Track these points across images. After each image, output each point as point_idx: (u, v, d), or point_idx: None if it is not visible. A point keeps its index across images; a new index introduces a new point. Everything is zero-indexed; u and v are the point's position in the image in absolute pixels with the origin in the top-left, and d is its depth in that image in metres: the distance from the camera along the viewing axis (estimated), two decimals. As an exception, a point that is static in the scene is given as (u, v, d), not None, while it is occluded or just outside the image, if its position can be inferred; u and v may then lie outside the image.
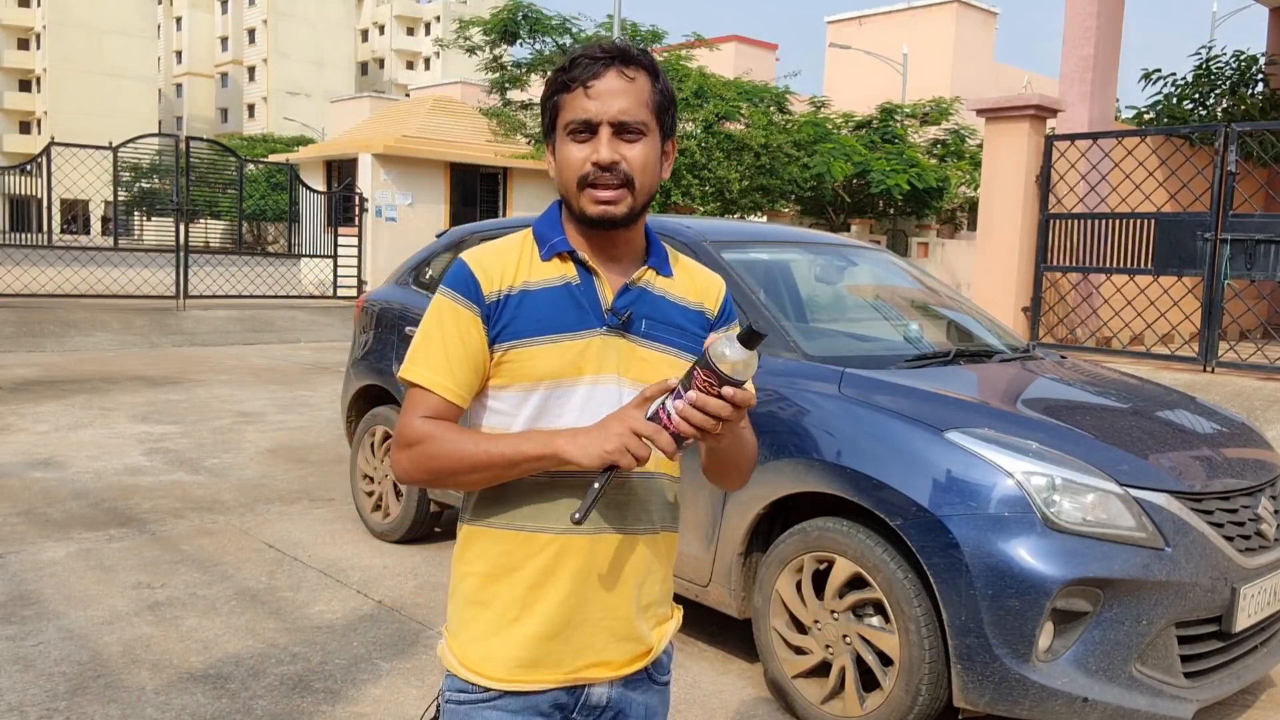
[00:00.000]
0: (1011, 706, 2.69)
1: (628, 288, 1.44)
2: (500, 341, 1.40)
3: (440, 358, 1.40)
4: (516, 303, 1.40)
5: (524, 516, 1.41)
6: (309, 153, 20.66)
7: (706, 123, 18.92)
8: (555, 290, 1.41)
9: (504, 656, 1.41)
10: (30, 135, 69.31)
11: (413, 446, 1.39)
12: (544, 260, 1.43)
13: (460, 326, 1.40)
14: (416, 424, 1.39)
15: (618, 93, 1.37)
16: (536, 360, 1.39)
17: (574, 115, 1.38)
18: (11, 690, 3.14)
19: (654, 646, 1.49)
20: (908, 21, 34.75)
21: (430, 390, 1.40)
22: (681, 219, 4.32)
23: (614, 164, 1.36)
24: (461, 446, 1.36)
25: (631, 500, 1.44)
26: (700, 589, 3.47)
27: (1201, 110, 11.73)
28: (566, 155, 1.39)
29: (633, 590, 1.45)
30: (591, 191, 1.38)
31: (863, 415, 3.08)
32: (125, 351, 11.79)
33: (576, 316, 1.40)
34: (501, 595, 1.42)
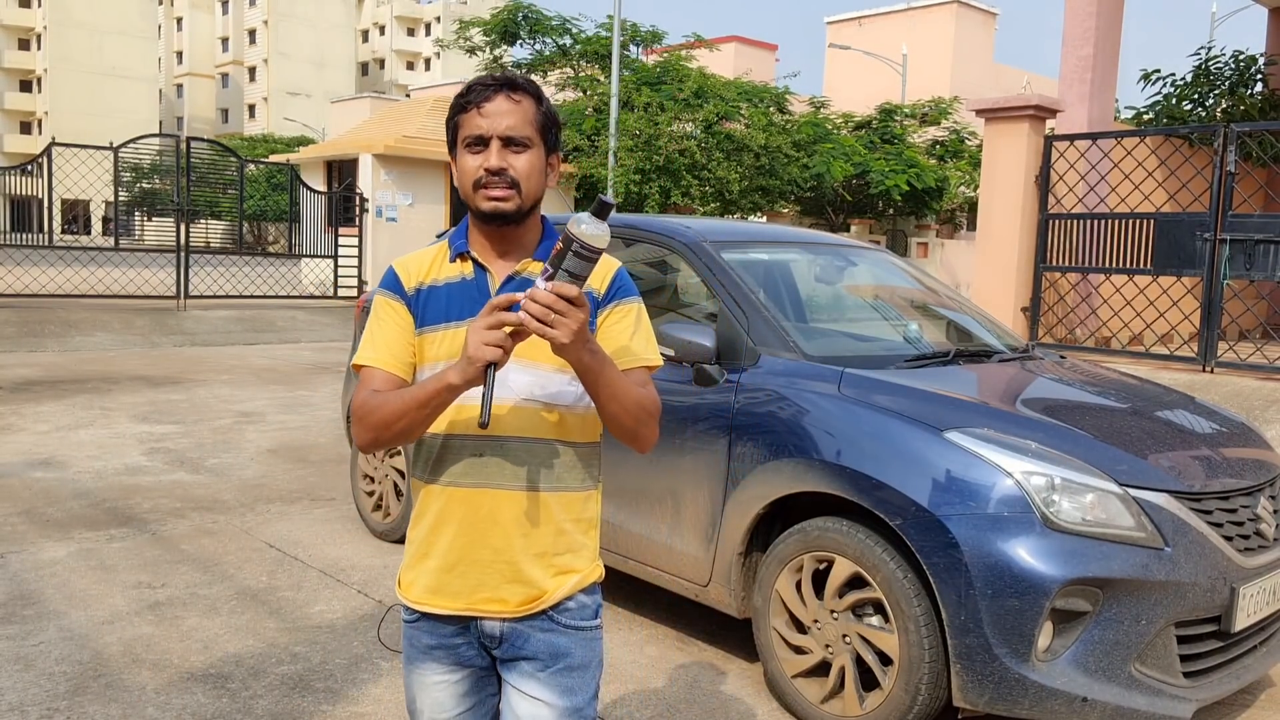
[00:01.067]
0: (1011, 706, 2.69)
1: (511, 278, 1.68)
2: (420, 327, 1.69)
3: (380, 341, 1.69)
4: (426, 296, 1.70)
5: (428, 471, 1.71)
6: (309, 153, 20.66)
7: (706, 123, 18.94)
8: (454, 285, 1.70)
9: (419, 584, 1.72)
10: (31, 135, 69.31)
11: (361, 416, 1.64)
12: (451, 262, 1.71)
13: (392, 314, 1.70)
14: (360, 395, 1.66)
15: (505, 112, 1.64)
16: (439, 343, 1.66)
17: (469, 131, 1.65)
18: (12, 690, 3.14)
19: (549, 592, 1.69)
20: (907, 22, 34.76)
21: (374, 367, 1.67)
22: (681, 219, 4.32)
23: (502, 169, 1.62)
24: (389, 402, 1.60)
25: (509, 460, 1.66)
26: (700, 589, 3.47)
27: (1201, 110, 11.73)
28: (464, 164, 1.66)
29: (517, 539, 1.67)
30: (484, 191, 1.63)
31: (862, 415, 3.08)
32: (126, 351, 11.79)
33: (472, 305, 1.63)
34: (417, 535, 1.73)
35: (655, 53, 22.15)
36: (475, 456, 1.67)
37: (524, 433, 1.67)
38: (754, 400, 3.31)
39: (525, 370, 1.64)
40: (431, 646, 1.73)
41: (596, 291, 1.70)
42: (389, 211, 17.87)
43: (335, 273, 16.60)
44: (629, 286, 1.75)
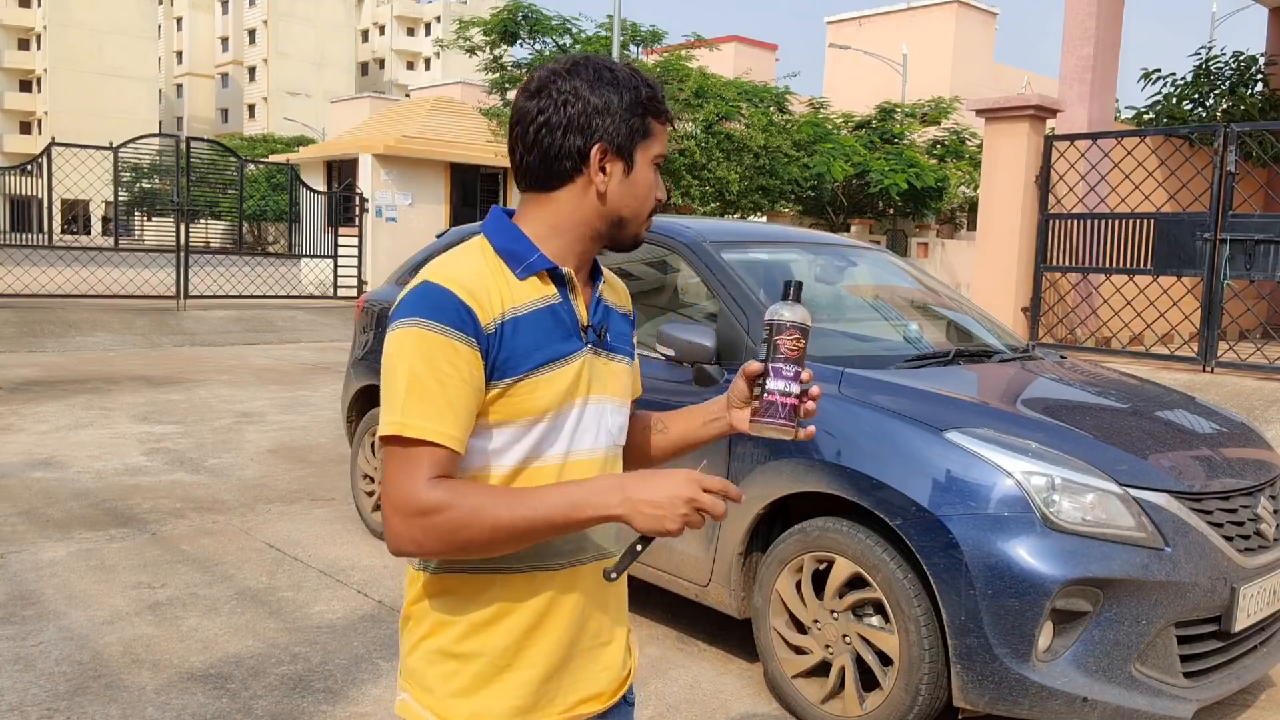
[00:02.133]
0: (1011, 706, 2.69)
1: (598, 301, 1.41)
2: (501, 377, 1.27)
3: (442, 404, 1.22)
4: (511, 331, 1.27)
5: (518, 557, 1.30)
6: (309, 153, 20.66)
7: (706, 123, 18.93)
8: (541, 314, 1.31)
9: (499, 708, 1.31)
10: (31, 135, 69.31)
11: (428, 516, 1.20)
12: (520, 279, 1.31)
13: (459, 365, 1.23)
14: (424, 490, 1.21)
15: None
16: (538, 392, 1.29)
17: (663, 149, 1.38)
18: (12, 690, 3.14)
19: (632, 666, 1.47)
20: (907, 22, 34.75)
21: (436, 444, 1.22)
22: (681, 219, 4.32)
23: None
24: (497, 513, 1.20)
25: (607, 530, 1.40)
26: (700, 589, 3.47)
27: (1201, 110, 11.73)
28: (650, 182, 1.37)
29: (613, 614, 1.42)
30: (651, 220, 1.40)
31: (862, 415, 3.08)
32: (126, 351, 11.79)
33: (566, 341, 1.33)
34: (492, 644, 1.31)
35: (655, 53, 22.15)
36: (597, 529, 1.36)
37: None
38: (754, 400, 3.30)
39: (617, 411, 1.42)
40: None
41: (630, 314, 1.53)
42: (389, 211, 17.88)
43: (335, 273, 16.60)
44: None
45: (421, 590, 1.35)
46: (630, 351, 1.48)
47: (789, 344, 1.29)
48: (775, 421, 1.31)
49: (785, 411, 1.31)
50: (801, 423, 1.36)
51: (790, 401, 1.30)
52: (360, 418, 5.13)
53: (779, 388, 1.30)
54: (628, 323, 1.50)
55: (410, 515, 1.21)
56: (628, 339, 1.47)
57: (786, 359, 1.30)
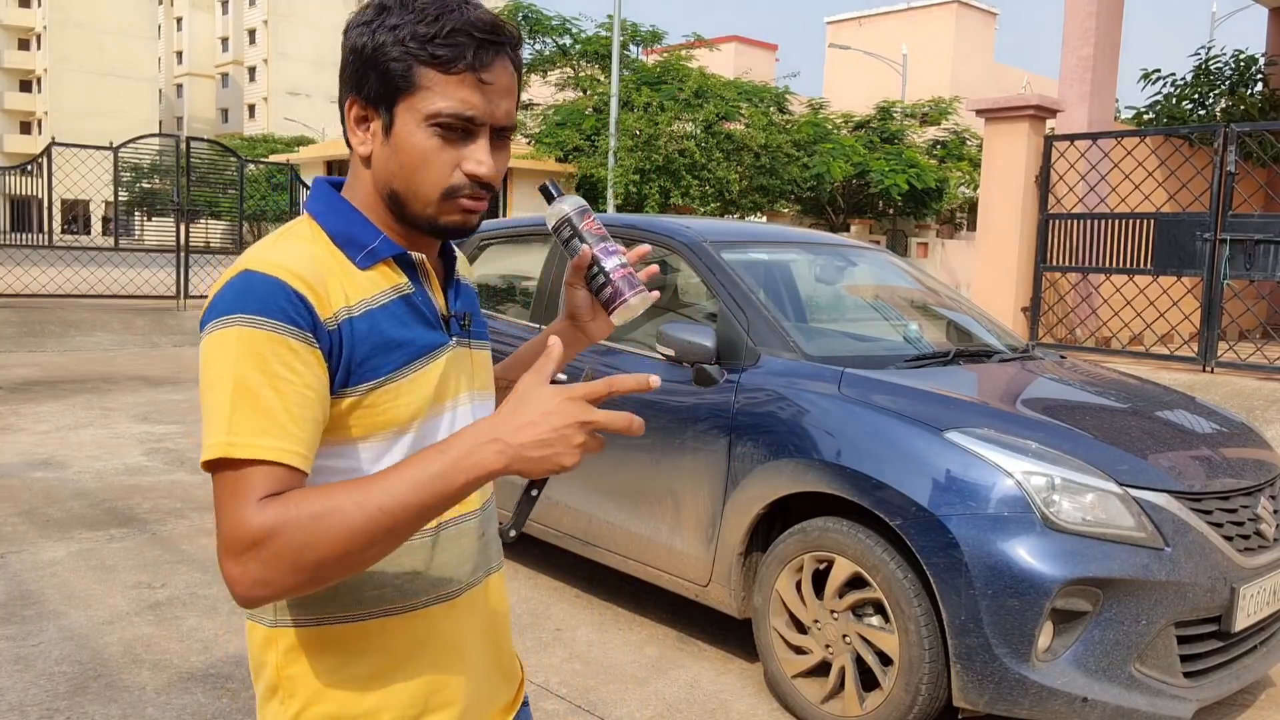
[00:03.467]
0: (1011, 706, 2.69)
1: (458, 285, 1.20)
2: (356, 383, 1.04)
3: (278, 414, 0.98)
4: (361, 329, 1.06)
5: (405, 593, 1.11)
6: (309, 153, 20.68)
7: (706, 123, 18.94)
8: (394, 306, 1.10)
9: None
10: (31, 135, 69.31)
11: (261, 546, 0.93)
12: (362, 269, 1.09)
13: (297, 367, 1.00)
14: (253, 515, 0.94)
15: (505, 90, 1.09)
16: (402, 398, 1.07)
17: (451, 107, 1.05)
18: (12, 690, 3.14)
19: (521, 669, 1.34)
20: (907, 22, 34.76)
21: (270, 462, 0.96)
22: (681, 219, 4.32)
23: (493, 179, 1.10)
24: (344, 516, 0.94)
25: (493, 528, 1.25)
26: (700, 589, 3.47)
27: (1201, 110, 11.74)
28: (427, 154, 1.07)
29: (505, 624, 1.27)
30: (459, 201, 1.09)
31: (862, 415, 3.08)
32: (126, 351, 11.79)
33: (426, 333, 1.11)
34: (396, 697, 1.10)
35: (655, 53, 22.16)
36: (480, 538, 1.20)
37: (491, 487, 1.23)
38: (754, 400, 3.31)
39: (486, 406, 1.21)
40: None
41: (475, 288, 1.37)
42: (389, 211, 17.88)
43: (335, 273, 16.57)
44: None
45: (288, 652, 1.09)
46: (487, 334, 1.28)
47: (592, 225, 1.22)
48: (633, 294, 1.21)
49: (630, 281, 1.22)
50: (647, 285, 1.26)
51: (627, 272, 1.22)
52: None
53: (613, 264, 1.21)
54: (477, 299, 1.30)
55: (243, 551, 0.94)
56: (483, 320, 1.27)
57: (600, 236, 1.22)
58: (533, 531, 4.16)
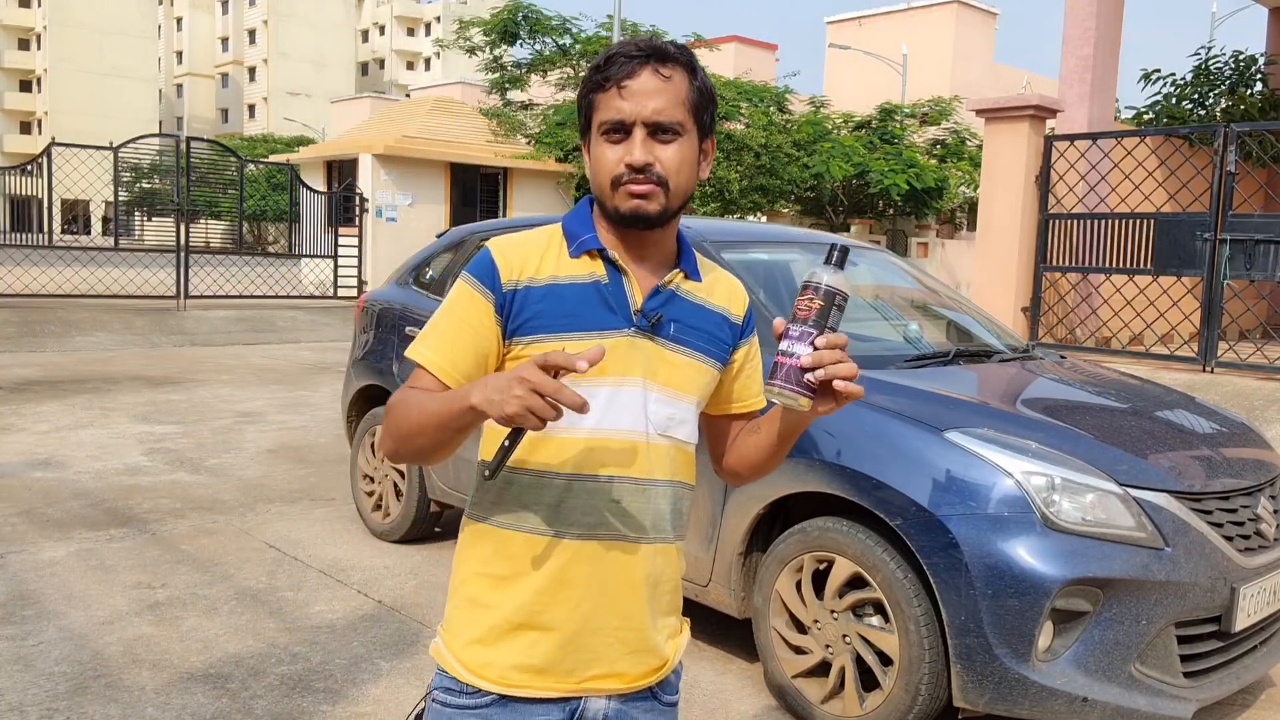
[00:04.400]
0: (1011, 706, 2.69)
1: (659, 289, 1.41)
2: (520, 335, 1.36)
3: (444, 339, 1.37)
4: (541, 296, 1.36)
5: (538, 519, 1.37)
6: (309, 153, 20.67)
7: (706, 123, 18.90)
8: (583, 287, 1.38)
9: (510, 662, 1.37)
10: (31, 135, 69.33)
11: (388, 414, 1.38)
12: (573, 257, 1.39)
13: (470, 311, 1.37)
14: (397, 393, 1.38)
15: (652, 92, 1.33)
16: None
17: (607, 115, 1.35)
18: (12, 690, 3.14)
19: (669, 659, 1.46)
20: (907, 22, 34.74)
21: (426, 369, 1.37)
22: (681, 219, 4.31)
23: (647, 165, 1.34)
24: (413, 410, 1.32)
25: (648, 508, 1.40)
26: (700, 589, 3.47)
27: (1200, 110, 11.73)
28: (600, 155, 1.37)
29: (647, 600, 1.41)
30: (625, 188, 1.35)
31: (862, 415, 3.08)
32: (126, 351, 11.79)
33: (604, 316, 1.37)
34: (511, 599, 1.37)
35: (655, 53, 22.10)
36: (615, 502, 1.38)
37: (663, 475, 1.42)
38: (754, 400, 3.31)
39: (667, 402, 1.40)
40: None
41: (737, 319, 1.51)
42: (389, 211, 17.88)
43: (335, 273, 16.59)
44: (755, 320, 1.57)
45: (466, 538, 1.45)
46: (710, 350, 1.45)
47: (803, 304, 1.25)
48: (778, 384, 1.25)
49: (786, 373, 1.24)
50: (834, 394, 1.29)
51: (792, 363, 1.24)
52: (360, 418, 5.13)
53: (784, 348, 1.25)
54: (721, 323, 1.48)
55: (385, 414, 1.40)
56: (709, 337, 1.45)
57: (796, 318, 1.25)
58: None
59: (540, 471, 1.37)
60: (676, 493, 1.46)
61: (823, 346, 1.24)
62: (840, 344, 1.26)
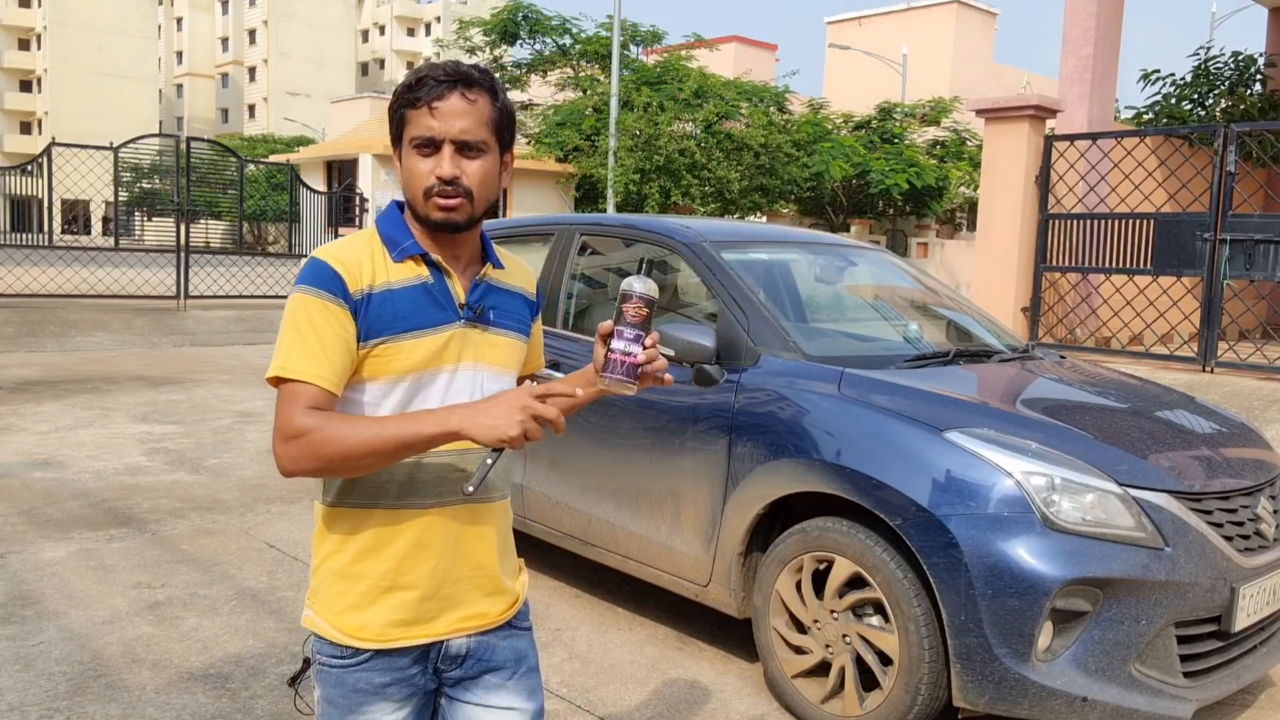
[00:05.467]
0: (1011, 706, 2.69)
1: (476, 284, 1.60)
2: (369, 338, 1.50)
3: (317, 351, 1.47)
4: (380, 301, 1.50)
5: (393, 495, 1.54)
6: (310, 153, 20.69)
7: (706, 123, 18.94)
8: (414, 289, 1.53)
9: (380, 621, 1.54)
10: (31, 135, 69.30)
11: (300, 438, 1.44)
12: (396, 261, 1.54)
13: (331, 322, 1.48)
14: (299, 417, 1.45)
15: (459, 113, 1.49)
16: (403, 354, 1.51)
17: (419, 131, 1.50)
18: (12, 690, 3.14)
19: (519, 594, 1.69)
20: (907, 22, 34.74)
21: (309, 383, 1.47)
22: (681, 219, 4.32)
23: (455, 179, 1.50)
24: (354, 432, 1.42)
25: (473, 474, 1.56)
26: (700, 589, 3.47)
27: (1200, 110, 11.74)
28: (412, 166, 1.52)
29: (496, 549, 1.63)
30: (436, 200, 1.50)
31: (862, 415, 3.08)
32: (126, 351, 11.79)
33: (436, 313, 1.54)
34: (374, 569, 1.54)
35: (655, 53, 22.16)
36: (460, 471, 1.57)
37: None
38: (754, 400, 3.31)
39: (495, 379, 1.60)
40: (385, 685, 1.56)
41: (530, 294, 1.72)
42: (389, 211, 17.87)
43: (335, 273, 16.57)
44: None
45: (322, 520, 1.59)
46: (519, 327, 1.66)
47: (632, 310, 1.48)
48: (614, 376, 1.48)
49: (623, 369, 1.48)
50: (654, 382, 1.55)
51: (629, 360, 1.48)
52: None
53: (620, 347, 1.48)
54: (522, 302, 1.69)
55: (286, 439, 1.45)
56: (517, 316, 1.66)
57: (629, 323, 1.48)
58: (533, 531, 4.17)
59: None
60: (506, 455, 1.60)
61: (650, 345, 1.50)
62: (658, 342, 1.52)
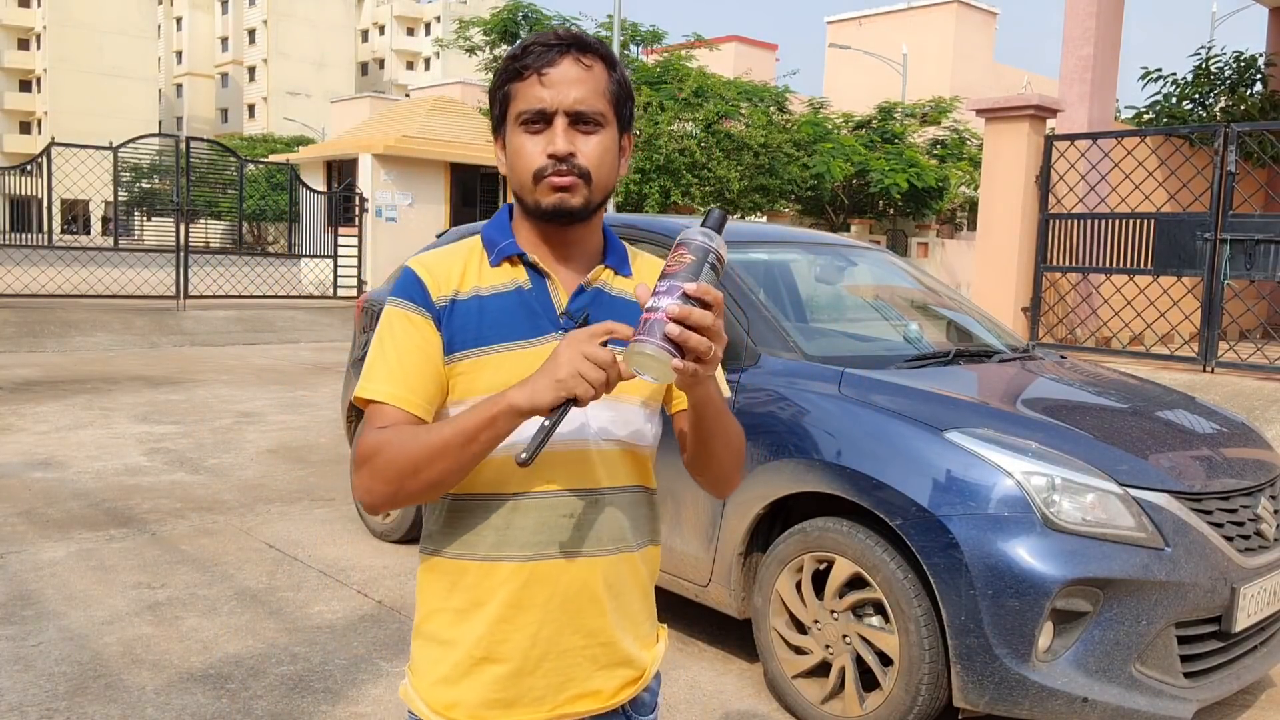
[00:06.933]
0: (1011, 706, 2.69)
1: (583, 289, 1.35)
2: (451, 352, 1.31)
3: (396, 369, 1.29)
4: (466, 310, 1.31)
5: (486, 545, 1.32)
6: (309, 153, 20.66)
7: (706, 122, 18.93)
8: (506, 296, 1.33)
9: (474, 699, 1.32)
10: (30, 135, 69.31)
11: (370, 461, 1.25)
12: (493, 266, 1.35)
13: (414, 333, 1.30)
14: (370, 436, 1.26)
15: (574, 81, 1.28)
16: (488, 370, 1.29)
17: (527, 105, 1.28)
18: (12, 690, 3.14)
19: (646, 669, 1.41)
20: (907, 22, 34.75)
21: (387, 404, 1.28)
22: (681, 219, 4.32)
23: (570, 155, 1.27)
24: (416, 439, 1.23)
25: (603, 518, 1.34)
26: (700, 589, 3.47)
27: (1201, 110, 11.73)
28: (519, 147, 1.30)
29: (611, 614, 1.35)
30: (548, 181, 1.28)
31: (862, 415, 3.08)
32: (125, 351, 11.79)
33: (529, 322, 1.32)
34: (470, 633, 1.32)
35: (655, 52, 22.15)
36: (566, 517, 1.32)
37: (615, 481, 1.35)
38: (754, 400, 3.31)
39: (608, 405, 1.30)
40: None
41: None
42: (389, 211, 17.88)
43: (335, 273, 16.60)
44: None
45: (421, 574, 1.40)
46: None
47: (673, 259, 1.14)
48: (645, 339, 1.11)
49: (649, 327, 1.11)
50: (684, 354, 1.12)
51: (656, 317, 1.11)
52: (360, 417, 5.12)
53: (649, 304, 1.12)
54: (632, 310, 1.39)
55: (360, 464, 1.27)
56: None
57: (664, 274, 1.14)
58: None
59: (485, 495, 1.31)
60: (634, 498, 1.38)
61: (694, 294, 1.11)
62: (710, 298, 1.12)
